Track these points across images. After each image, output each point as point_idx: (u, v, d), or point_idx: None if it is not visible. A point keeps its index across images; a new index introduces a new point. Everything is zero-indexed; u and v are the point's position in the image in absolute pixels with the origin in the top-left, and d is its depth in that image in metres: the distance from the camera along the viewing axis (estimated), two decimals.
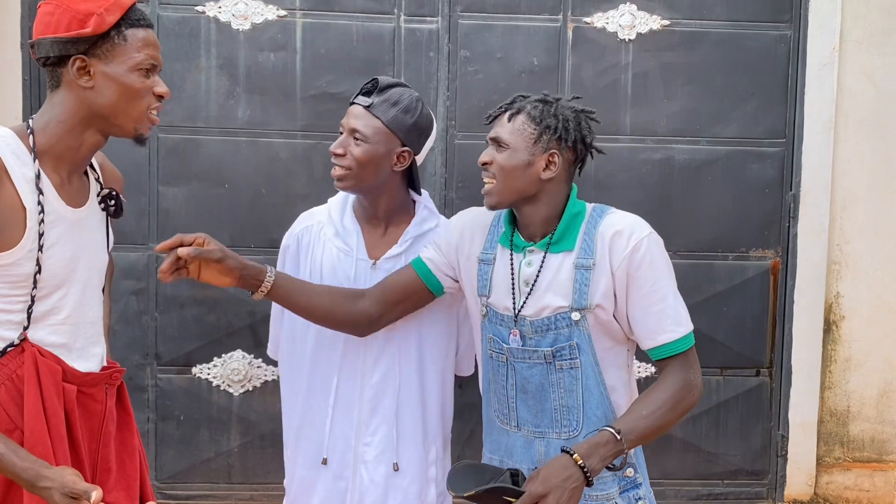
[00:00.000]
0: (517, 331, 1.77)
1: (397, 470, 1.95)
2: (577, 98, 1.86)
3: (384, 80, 1.93)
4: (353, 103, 1.92)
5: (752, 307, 3.10)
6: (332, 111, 2.96)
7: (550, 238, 1.77)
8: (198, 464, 3.03)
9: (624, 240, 1.71)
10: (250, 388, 3.02)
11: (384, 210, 1.97)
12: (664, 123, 3.05)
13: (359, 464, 1.94)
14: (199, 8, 2.92)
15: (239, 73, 2.94)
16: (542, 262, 1.76)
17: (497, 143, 1.76)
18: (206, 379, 3.01)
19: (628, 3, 3.00)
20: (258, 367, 3.01)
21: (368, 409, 1.93)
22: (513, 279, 1.79)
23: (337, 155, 1.89)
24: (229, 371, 3.00)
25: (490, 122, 1.81)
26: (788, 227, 3.09)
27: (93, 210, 1.66)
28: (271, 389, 3.01)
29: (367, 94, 1.91)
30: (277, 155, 2.97)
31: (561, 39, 3.01)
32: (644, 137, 3.04)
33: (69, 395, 1.57)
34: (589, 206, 1.81)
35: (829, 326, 3.14)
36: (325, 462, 1.94)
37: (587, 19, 3.00)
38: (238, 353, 3.00)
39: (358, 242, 1.96)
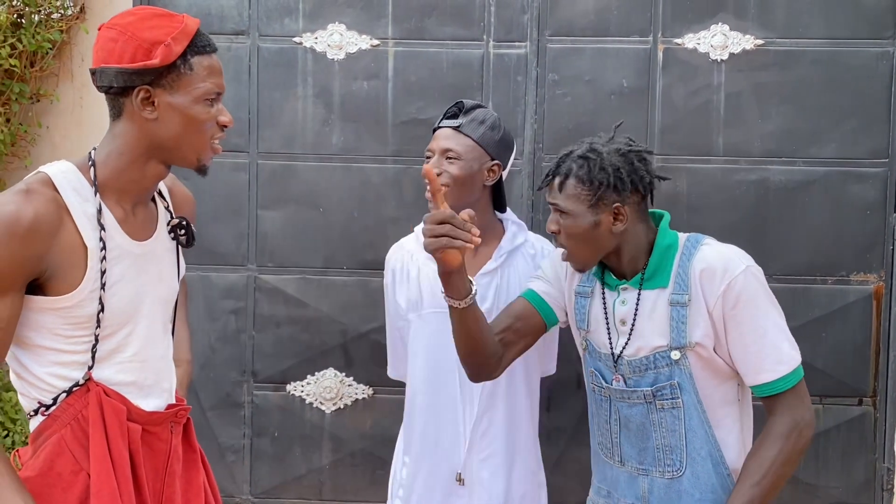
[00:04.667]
0: (619, 376, 1.72)
1: (477, 481, 2.01)
2: (618, 125, 1.75)
3: (468, 102, 2.00)
4: (440, 127, 1.98)
5: (854, 333, 2.98)
6: (421, 137, 3.02)
7: (642, 275, 1.70)
8: (290, 480, 3.12)
9: (717, 278, 1.63)
10: (341, 406, 3.09)
11: None
12: (758, 144, 2.98)
13: (473, 479, 2.02)
14: (297, 39, 3.04)
15: (333, 101, 3.05)
16: (638, 299, 1.70)
17: (558, 210, 1.69)
18: (300, 396, 3.10)
19: (720, 24, 2.96)
20: (349, 385, 3.08)
21: (479, 427, 1.98)
22: (607, 318, 1.74)
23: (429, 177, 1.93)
24: (322, 389, 3.08)
25: (541, 191, 1.76)
26: (893, 249, 2.97)
27: (161, 240, 1.61)
28: (361, 408, 3.08)
29: (454, 116, 1.99)
30: (369, 179, 3.05)
31: (651, 61, 2.99)
32: (738, 158, 2.98)
33: (134, 435, 1.52)
34: (682, 237, 1.73)
35: None
36: (461, 481, 2.02)
37: (678, 40, 2.98)
38: (330, 372, 3.08)
39: None
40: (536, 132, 3.01)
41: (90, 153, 1.52)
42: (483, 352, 1.78)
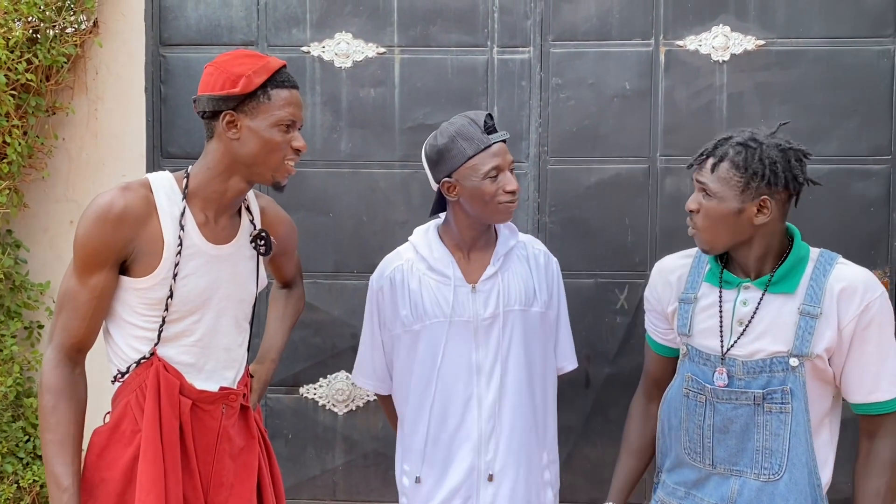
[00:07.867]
0: (724, 369, 1.73)
1: (492, 480, 2.04)
2: (784, 124, 1.80)
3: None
4: (495, 142, 1.99)
5: None
6: None
7: (770, 277, 1.73)
8: (304, 481, 3.17)
9: (857, 297, 1.67)
10: (353, 408, 3.14)
11: (470, 235, 2.08)
12: None
13: (482, 481, 2.05)
14: (305, 48, 3.11)
15: (341, 109, 3.10)
16: (760, 301, 1.72)
17: (703, 190, 1.71)
18: (313, 399, 3.15)
19: (721, 25, 3.00)
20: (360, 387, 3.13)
21: (487, 429, 2.02)
22: (721, 318, 1.75)
23: (515, 191, 1.99)
24: (334, 391, 3.13)
25: (692, 168, 1.76)
26: None
27: (240, 247, 1.83)
28: (373, 409, 3.13)
29: (495, 127, 2.02)
30: (377, 184, 3.10)
31: (653, 63, 3.03)
32: None
33: (184, 408, 1.74)
34: (814, 252, 1.76)
35: None
36: (481, 479, 2.05)
37: (679, 42, 3.02)
38: (342, 374, 3.13)
39: (454, 270, 2.06)
40: (541, 136, 3.06)
41: (188, 167, 1.78)
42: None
